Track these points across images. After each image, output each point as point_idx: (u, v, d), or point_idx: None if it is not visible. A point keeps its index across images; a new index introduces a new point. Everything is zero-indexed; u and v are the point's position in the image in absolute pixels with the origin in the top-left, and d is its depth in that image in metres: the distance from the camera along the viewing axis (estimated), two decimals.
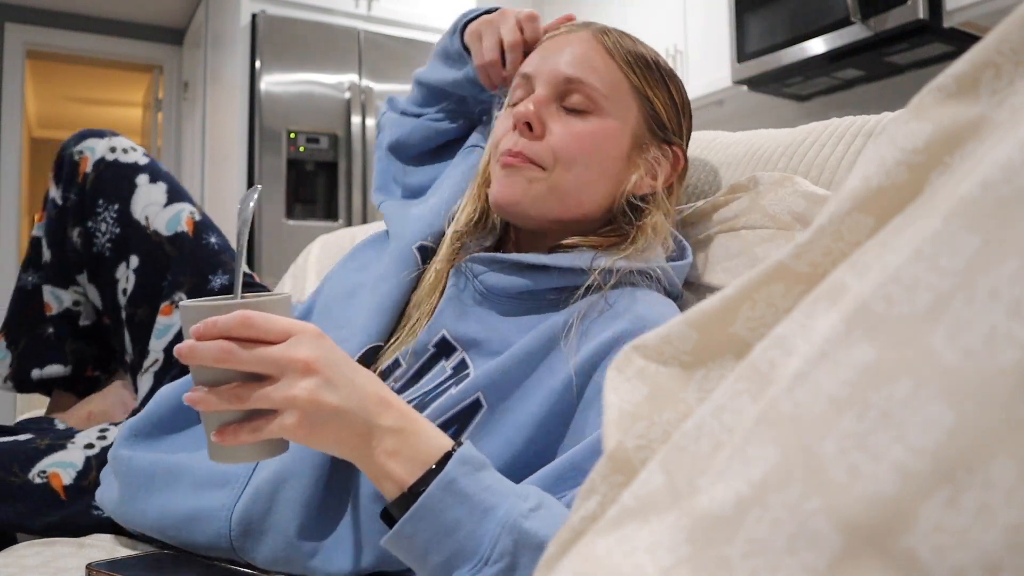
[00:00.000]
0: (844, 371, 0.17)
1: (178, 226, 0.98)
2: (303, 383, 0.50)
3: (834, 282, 0.19)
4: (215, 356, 0.49)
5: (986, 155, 0.18)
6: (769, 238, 0.75)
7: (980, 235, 0.16)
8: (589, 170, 0.71)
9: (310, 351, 0.51)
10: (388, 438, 0.52)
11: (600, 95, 0.71)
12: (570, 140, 0.71)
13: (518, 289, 0.70)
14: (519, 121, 0.71)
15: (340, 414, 0.51)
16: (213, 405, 0.50)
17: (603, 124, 0.72)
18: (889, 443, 0.16)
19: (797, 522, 0.16)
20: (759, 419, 0.18)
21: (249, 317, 0.50)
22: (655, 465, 0.19)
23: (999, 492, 0.15)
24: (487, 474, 0.54)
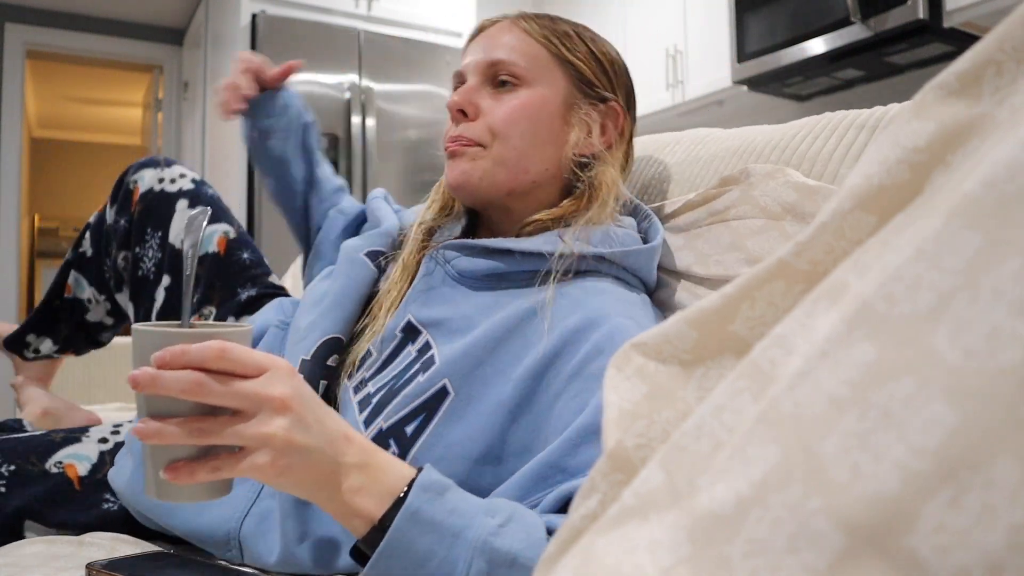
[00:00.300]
0: (845, 370, 0.17)
1: (209, 247, 1.04)
2: (278, 421, 0.48)
3: (835, 281, 0.19)
4: (185, 387, 0.46)
5: (988, 154, 0.18)
6: (760, 230, 0.76)
7: (982, 234, 0.16)
8: (525, 137, 0.75)
9: (284, 388, 0.49)
10: (353, 475, 0.51)
11: (522, 69, 0.76)
12: (502, 113, 0.75)
13: (487, 271, 0.73)
14: (452, 109, 0.77)
15: (309, 453, 0.49)
16: (171, 439, 0.46)
17: (531, 93, 0.76)
18: (891, 443, 0.16)
19: (798, 522, 0.16)
20: (759, 418, 0.17)
21: (227, 349, 0.47)
22: (655, 464, 0.19)
23: (1002, 492, 0.15)
24: (451, 496, 0.53)
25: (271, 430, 0.47)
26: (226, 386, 0.47)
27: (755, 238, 0.76)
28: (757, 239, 0.75)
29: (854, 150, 0.76)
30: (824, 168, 0.77)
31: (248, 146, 1.09)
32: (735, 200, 0.79)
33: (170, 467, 0.47)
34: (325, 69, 3.16)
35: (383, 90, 3.26)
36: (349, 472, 0.51)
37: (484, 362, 0.67)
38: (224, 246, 1.04)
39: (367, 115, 3.18)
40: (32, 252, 6.46)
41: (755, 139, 0.88)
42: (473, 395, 0.66)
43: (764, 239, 0.75)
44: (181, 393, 0.46)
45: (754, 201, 0.77)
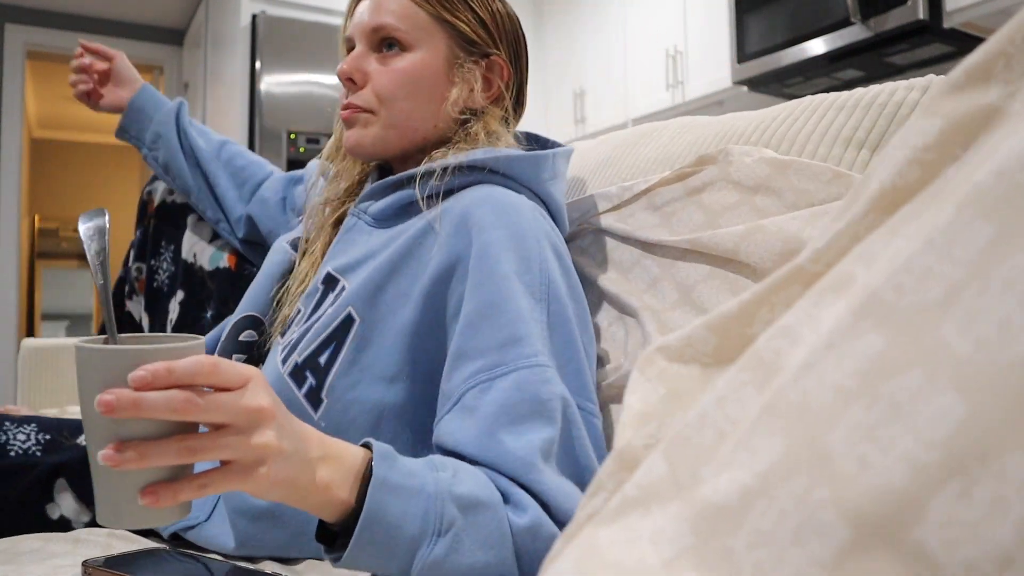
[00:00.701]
0: (852, 361, 0.17)
1: (220, 261, 1.09)
2: (269, 432, 0.47)
3: (842, 272, 0.19)
4: (175, 407, 0.43)
5: (999, 145, 0.18)
6: (733, 205, 0.77)
7: (994, 224, 0.16)
8: (411, 99, 0.80)
9: (267, 396, 0.48)
10: (320, 468, 0.51)
11: (403, 32, 0.80)
12: (387, 79, 0.79)
13: (393, 207, 0.78)
14: (341, 78, 0.81)
15: (287, 459, 0.49)
16: (156, 461, 0.44)
17: (414, 57, 0.80)
18: (899, 434, 0.16)
19: (804, 513, 0.16)
20: (765, 409, 0.17)
21: (217, 363, 0.46)
22: (658, 455, 0.19)
23: (1012, 485, 0.15)
24: (401, 460, 0.55)
25: (266, 440, 0.47)
26: (216, 401, 0.45)
27: (727, 214, 0.77)
28: (728, 215, 0.77)
29: (832, 130, 0.77)
30: (803, 148, 0.78)
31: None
32: (713, 177, 0.80)
33: (148, 491, 0.44)
34: (325, 69, 3.16)
35: None
36: (316, 466, 0.51)
37: (384, 286, 0.71)
38: (234, 261, 1.09)
39: None
40: (32, 252, 6.46)
41: (737, 123, 0.89)
42: (378, 319, 0.70)
43: (736, 214, 0.77)
44: (170, 414, 0.43)
45: (729, 177, 0.79)
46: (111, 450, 0.43)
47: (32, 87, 5.31)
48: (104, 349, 0.45)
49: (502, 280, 0.66)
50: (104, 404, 0.42)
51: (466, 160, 0.75)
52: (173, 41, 4.55)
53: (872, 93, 0.77)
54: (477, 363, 0.63)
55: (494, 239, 0.68)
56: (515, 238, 0.69)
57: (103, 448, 0.43)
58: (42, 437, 0.83)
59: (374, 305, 0.71)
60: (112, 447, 0.43)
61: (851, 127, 0.76)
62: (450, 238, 0.70)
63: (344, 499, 0.52)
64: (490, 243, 0.68)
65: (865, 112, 0.75)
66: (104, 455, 0.43)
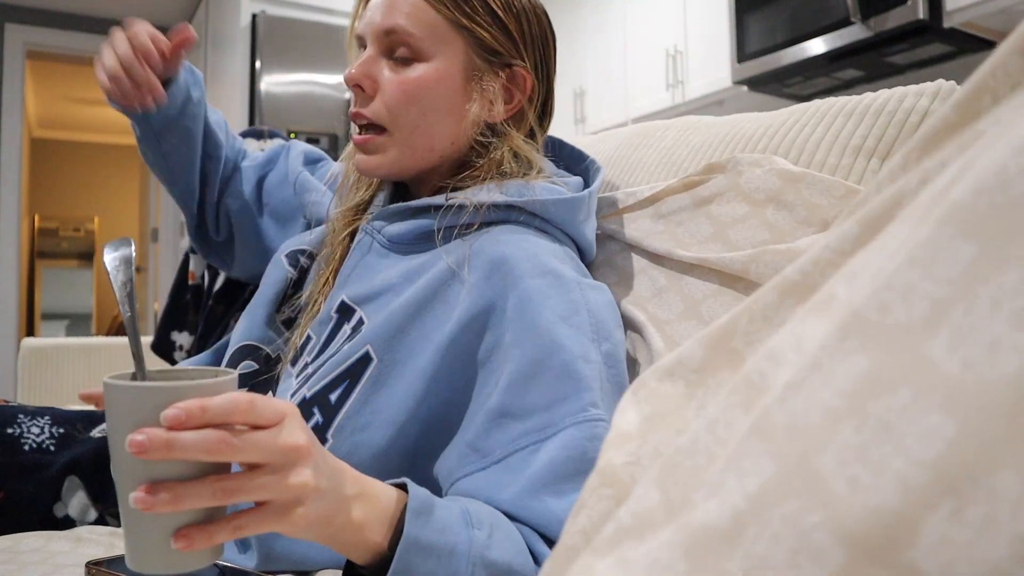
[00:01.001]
0: (839, 381, 0.17)
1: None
2: (307, 470, 0.45)
3: (826, 293, 0.19)
4: (211, 448, 0.41)
5: (975, 160, 0.18)
6: (742, 217, 0.75)
7: (977, 243, 0.16)
8: (425, 115, 0.73)
9: (304, 433, 0.46)
10: (355, 507, 0.50)
11: (418, 39, 0.72)
12: (399, 92, 0.73)
13: (413, 233, 0.74)
14: (349, 84, 0.74)
15: (324, 497, 0.47)
16: (191, 503, 0.42)
17: (428, 68, 0.73)
18: (889, 455, 0.16)
19: (797, 537, 0.16)
20: (752, 430, 0.17)
21: (252, 400, 0.43)
22: (650, 482, 0.19)
23: (1004, 504, 0.15)
24: (438, 513, 0.53)
25: (304, 479, 0.44)
26: (252, 441, 0.43)
27: (736, 227, 0.75)
28: (738, 228, 0.75)
29: (842, 137, 0.76)
30: (812, 155, 0.77)
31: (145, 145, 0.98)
32: (721, 187, 0.78)
33: (181, 534, 0.42)
34: (325, 69, 3.16)
35: None
36: (351, 505, 0.49)
37: (407, 328, 0.67)
38: None
39: None
40: (32, 252, 6.46)
41: (744, 126, 0.88)
42: (397, 361, 0.67)
43: (745, 227, 0.75)
44: (205, 454, 0.41)
45: (739, 188, 0.77)
46: (143, 492, 0.41)
47: (32, 87, 5.31)
48: (135, 386, 0.43)
49: (546, 331, 0.62)
50: (136, 445, 0.40)
51: (501, 200, 0.71)
52: None
53: (881, 99, 0.75)
54: (525, 424, 0.60)
55: (533, 288, 0.65)
56: (556, 285, 0.66)
57: (134, 490, 0.42)
58: (56, 431, 0.82)
59: (394, 347, 0.67)
60: (144, 489, 0.41)
61: (860, 135, 0.75)
62: (481, 283, 0.66)
63: (377, 543, 0.51)
64: (530, 293, 0.64)
65: (874, 120, 0.74)
66: (136, 498, 0.41)
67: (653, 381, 0.24)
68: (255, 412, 0.43)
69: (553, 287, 0.65)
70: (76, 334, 6.63)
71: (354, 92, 0.75)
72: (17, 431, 0.81)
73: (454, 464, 0.64)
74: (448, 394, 0.66)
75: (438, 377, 0.65)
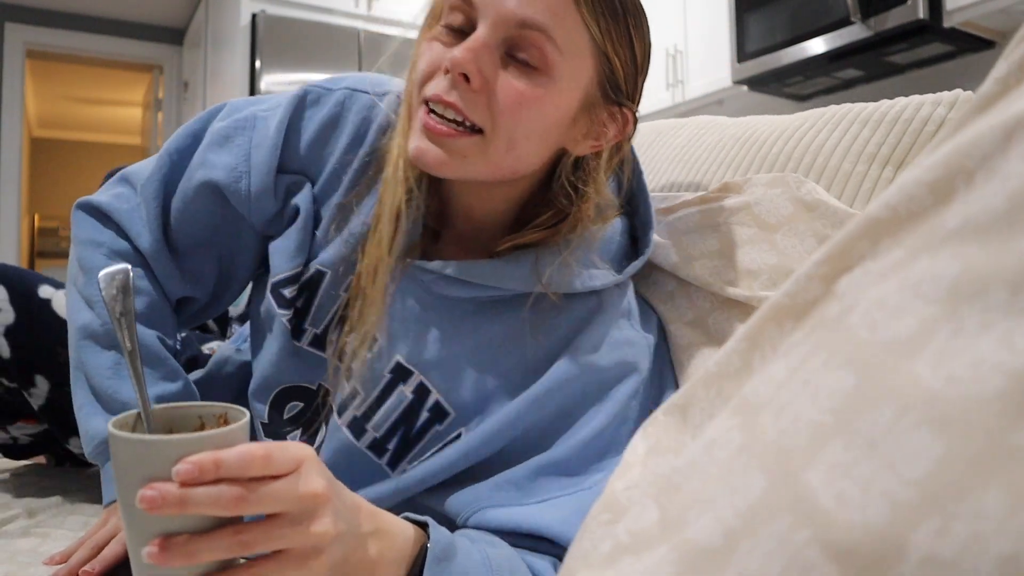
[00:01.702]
0: (826, 398, 0.17)
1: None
2: (326, 518, 0.43)
3: (816, 309, 0.19)
4: (226, 503, 0.39)
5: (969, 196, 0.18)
6: (750, 239, 0.75)
7: (960, 264, 0.16)
8: (529, 141, 0.62)
9: (321, 479, 0.44)
10: (371, 544, 0.48)
11: (554, 50, 0.59)
12: (514, 103, 0.59)
13: (468, 296, 0.67)
14: (455, 70, 0.59)
15: (342, 540, 0.45)
16: (204, 557, 0.40)
17: (552, 88, 0.61)
18: (877, 472, 0.16)
19: (789, 553, 0.16)
20: (742, 447, 0.17)
21: (269, 453, 0.41)
22: (650, 501, 0.19)
23: (990, 522, 0.15)
24: (459, 558, 0.52)
25: (324, 528, 0.43)
26: (269, 493, 0.41)
27: (744, 247, 0.75)
28: (746, 248, 0.75)
29: (857, 144, 0.76)
30: (827, 161, 0.77)
31: None
32: (735, 207, 0.78)
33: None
34: (325, 69, 3.16)
35: None
36: (367, 542, 0.48)
37: (512, 433, 0.65)
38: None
39: None
40: (32, 252, 6.46)
41: (759, 128, 0.88)
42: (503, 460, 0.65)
43: (754, 249, 0.75)
44: (221, 510, 0.40)
45: (751, 210, 0.77)
46: (156, 548, 0.40)
47: (32, 87, 5.31)
48: (144, 440, 0.41)
49: (621, 404, 0.65)
50: (147, 501, 0.38)
51: (597, 286, 0.68)
52: (173, 40, 4.55)
53: (898, 107, 0.76)
54: (574, 480, 0.62)
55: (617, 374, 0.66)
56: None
57: (146, 544, 0.40)
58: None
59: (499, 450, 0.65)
60: (157, 544, 0.40)
61: (876, 143, 0.75)
62: (589, 357, 0.66)
63: None
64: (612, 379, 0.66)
65: (890, 128, 0.74)
66: (149, 553, 0.40)
67: (661, 415, 0.24)
68: (271, 463, 0.41)
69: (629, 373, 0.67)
70: None
71: (455, 79, 0.59)
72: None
73: (484, 493, 0.62)
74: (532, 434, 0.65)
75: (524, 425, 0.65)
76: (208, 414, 0.47)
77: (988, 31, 2.28)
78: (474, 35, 0.59)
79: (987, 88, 0.19)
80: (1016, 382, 0.15)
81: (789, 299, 0.21)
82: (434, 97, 0.60)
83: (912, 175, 0.19)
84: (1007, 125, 0.18)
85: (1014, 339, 0.16)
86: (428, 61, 0.62)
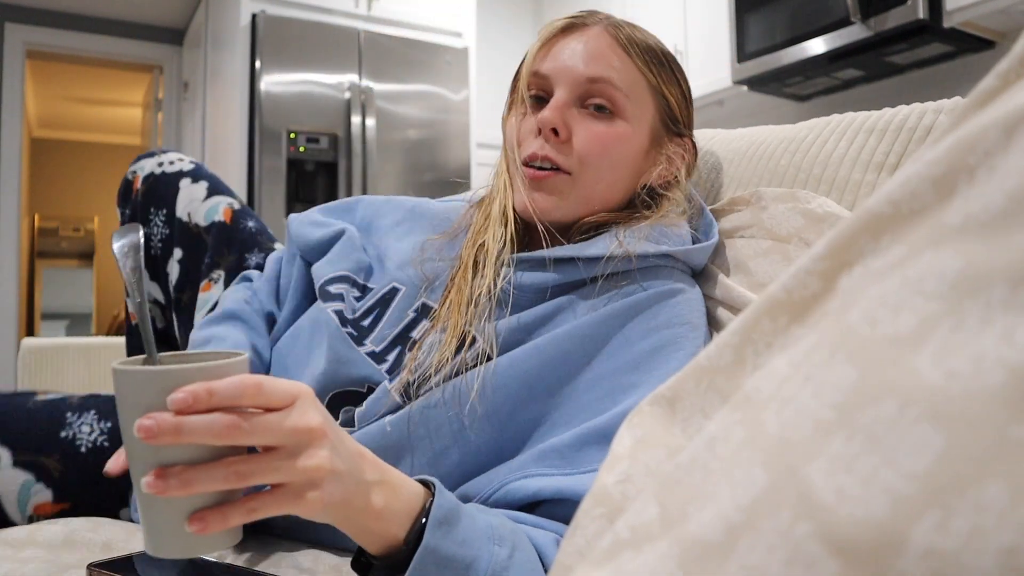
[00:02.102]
0: (828, 392, 0.17)
1: (215, 215, 1.03)
2: (322, 452, 0.45)
3: (818, 305, 0.19)
4: (219, 431, 0.41)
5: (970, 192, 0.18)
6: (765, 252, 0.76)
7: (963, 259, 0.16)
8: (613, 171, 0.74)
9: (317, 415, 0.45)
10: (374, 493, 0.49)
11: (621, 95, 0.73)
12: (594, 144, 0.72)
13: (548, 284, 0.71)
14: (545, 127, 0.72)
15: (340, 480, 0.46)
16: (204, 487, 0.42)
17: (625, 126, 0.74)
18: (878, 466, 0.16)
19: (790, 547, 0.16)
20: (745, 441, 0.17)
21: (263, 383, 0.43)
22: (649, 496, 0.19)
23: (991, 515, 0.15)
24: (461, 524, 0.53)
25: (318, 462, 0.44)
26: (263, 424, 0.43)
27: (758, 259, 0.76)
28: (760, 261, 0.76)
29: (864, 153, 0.77)
30: (836, 172, 0.78)
31: None
32: (746, 221, 0.79)
33: (196, 517, 0.42)
34: (325, 69, 3.16)
35: (383, 90, 3.26)
36: (370, 491, 0.49)
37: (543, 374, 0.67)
38: (230, 216, 1.04)
39: (367, 115, 3.18)
40: (32, 252, 6.46)
41: (764, 140, 0.88)
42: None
43: (767, 261, 0.75)
44: (214, 438, 0.41)
45: (762, 223, 0.78)
46: (153, 477, 0.41)
47: (32, 87, 5.31)
48: (141, 371, 0.43)
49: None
50: (144, 430, 0.40)
51: (663, 250, 0.71)
52: (173, 41, 4.55)
53: (901, 115, 0.76)
54: None
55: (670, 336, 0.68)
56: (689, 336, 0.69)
57: (146, 475, 0.42)
58: (104, 425, 0.82)
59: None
60: (155, 474, 0.41)
61: (882, 152, 0.75)
62: (650, 321, 0.68)
63: (393, 534, 0.51)
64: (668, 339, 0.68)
65: (895, 136, 0.75)
66: (147, 483, 0.41)
67: (646, 406, 0.24)
68: (263, 395, 0.43)
69: (685, 338, 0.68)
70: (76, 334, 6.64)
71: (545, 136, 0.73)
72: (69, 433, 0.81)
73: (528, 462, 0.63)
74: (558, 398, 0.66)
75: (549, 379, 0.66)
76: (212, 359, 0.48)
77: (988, 31, 2.28)
78: (555, 97, 0.73)
79: (988, 83, 0.19)
80: (1017, 377, 0.16)
81: (786, 294, 0.21)
82: (531, 156, 0.73)
83: (914, 170, 0.19)
84: (1008, 121, 0.18)
85: (1015, 334, 0.16)
86: (518, 130, 0.76)
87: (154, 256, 1.04)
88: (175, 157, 1.09)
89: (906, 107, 0.78)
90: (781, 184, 0.84)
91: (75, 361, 1.97)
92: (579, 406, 0.65)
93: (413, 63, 3.33)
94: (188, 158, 1.10)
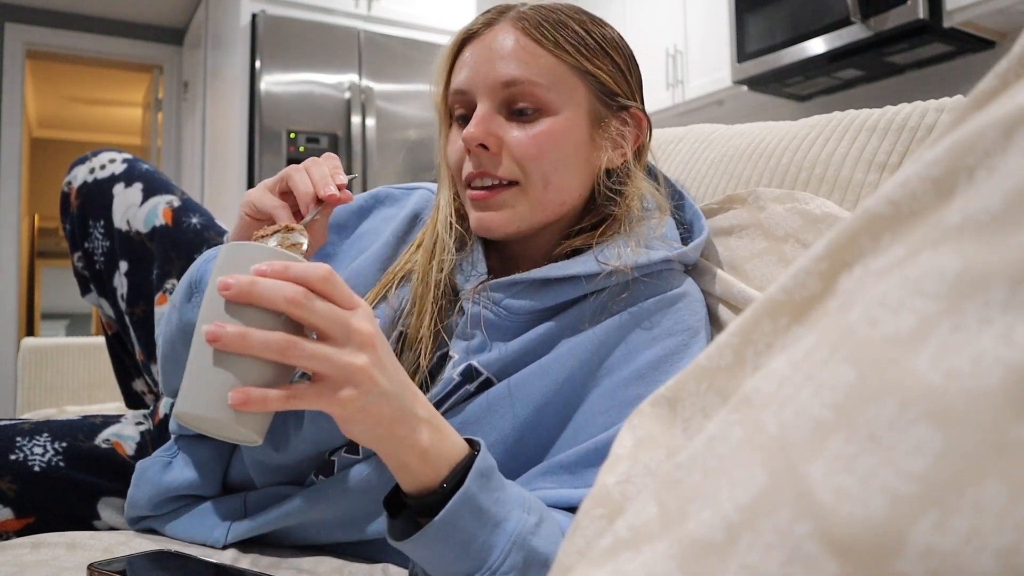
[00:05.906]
0: (828, 393, 0.17)
1: (155, 220, 0.99)
2: (364, 356, 0.48)
3: (818, 306, 0.19)
4: (289, 296, 0.45)
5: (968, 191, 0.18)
6: (760, 252, 0.75)
7: (962, 260, 0.16)
8: (559, 169, 0.68)
9: (372, 326, 0.49)
10: (423, 429, 0.51)
11: (542, 90, 0.67)
12: (528, 148, 0.67)
13: (537, 308, 0.69)
14: (472, 144, 0.68)
15: (385, 396, 0.49)
16: (256, 350, 0.45)
17: (556, 120, 0.68)
18: (877, 466, 0.16)
19: (790, 547, 0.16)
20: (744, 441, 0.17)
21: (332, 274, 0.48)
22: (649, 496, 0.19)
23: (989, 515, 0.15)
24: (495, 482, 0.55)
25: (360, 363, 0.47)
26: (323, 307, 0.47)
27: (753, 261, 0.75)
28: (755, 262, 0.75)
29: (866, 153, 0.76)
30: (838, 171, 0.78)
31: None
32: (742, 220, 0.78)
33: (240, 390, 0.45)
34: (325, 69, 3.16)
35: (383, 90, 3.26)
36: (420, 425, 0.51)
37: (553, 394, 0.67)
38: (171, 217, 1.00)
39: (367, 115, 3.18)
40: (32, 252, 6.45)
41: (764, 138, 0.88)
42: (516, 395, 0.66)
43: (763, 263, 0.75)
44: (280, 302, 0.46)
45: (759, 223, 0.77)
46: (215, 326, 0.45)
47: (32, 87, 5.31)
48: (231, 244, 0.50)
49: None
50: (223, 284, 0.45)
51: (658, 258, 0.69)
52: (173, 41, 4.55)
53: (903, 114, 0.76)
54: None
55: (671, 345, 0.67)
56: (691, 343, 0.68)
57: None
58: (59, 446, 0.83)
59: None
60: (216, 325, 0.45)
61: (884, 151, 0.75)
62: (652, 331, 0.67)
63: (431, 476, 0.52)
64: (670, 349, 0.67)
65: (897, 135, 0.75)
66: (208, 331, 0.45)
67: (647, 407, 0.25)
68: (331, 284, 0.48)
69: (688, 345, 0.68)
70: (76, 334, 6.63)
71: (475, 153, 0.68)
72: (21, 455, 0.81)
73: (536, 475, 0.64)
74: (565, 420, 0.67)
75: (559, 395, 0.66)
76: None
77: (988, 31, 2.28)
78: (476, 112, 0.69)
79: (987, 83, 0.19)
80: (1016, 376, 0.16)
81: (786, 295, 0.21)
82: (469, 176, 0.69)
83: (914, 171, 0.19)
84: (1007, 121, 0.18)
85: (1014, 334, 0.16)
86: (452, 152, 0.72)
87: (99, 272, 1.01)
88: (107, 159, 1.03)
89: (908, 105, 0.77)
90: (782, 183, 0.83)
91: (75, 361, 1.98)
92: (586, 420, 0.65)
93: (413, 63, 3.33)
94: (121, 156, 1.04)
